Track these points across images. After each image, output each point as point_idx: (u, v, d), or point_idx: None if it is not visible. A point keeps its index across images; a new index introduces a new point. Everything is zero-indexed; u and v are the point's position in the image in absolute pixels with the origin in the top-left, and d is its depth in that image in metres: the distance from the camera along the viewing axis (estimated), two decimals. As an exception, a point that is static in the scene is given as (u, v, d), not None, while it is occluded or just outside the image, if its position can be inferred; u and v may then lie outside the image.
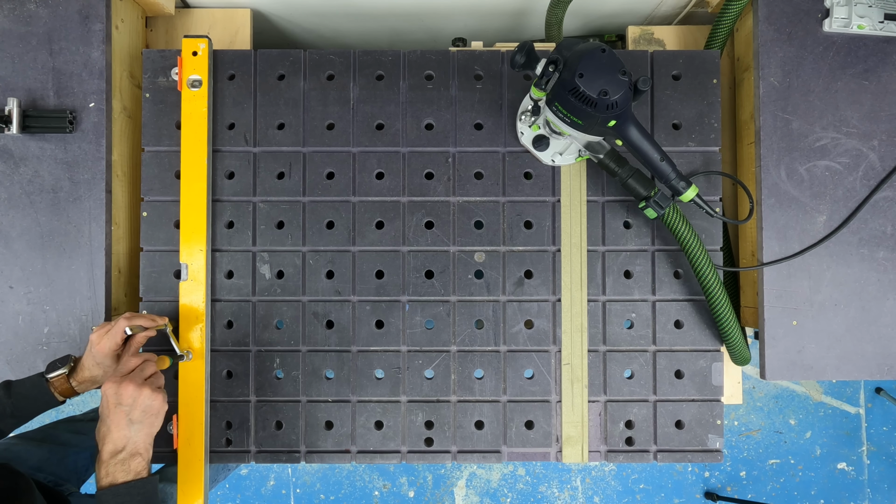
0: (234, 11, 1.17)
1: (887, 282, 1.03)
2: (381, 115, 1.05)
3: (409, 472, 1.90)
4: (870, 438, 1.92)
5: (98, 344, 0.87)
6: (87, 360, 0.90)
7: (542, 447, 1.03)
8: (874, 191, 1.02)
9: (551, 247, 1.05)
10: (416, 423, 1.03)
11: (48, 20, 1.02)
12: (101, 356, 0.88)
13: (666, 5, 1.22)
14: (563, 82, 0.82)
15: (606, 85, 0.80)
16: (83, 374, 0.90)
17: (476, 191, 1.05)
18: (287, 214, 1.04)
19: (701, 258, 0.95)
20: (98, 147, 1.01)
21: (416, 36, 1.38)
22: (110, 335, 0.87)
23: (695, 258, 0.96)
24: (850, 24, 1.02)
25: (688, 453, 1.04)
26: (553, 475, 1.91)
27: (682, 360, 1.04)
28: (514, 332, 1.04)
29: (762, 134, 1.03)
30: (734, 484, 1.91)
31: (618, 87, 0.80)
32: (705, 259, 0.95)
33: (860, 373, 1.03)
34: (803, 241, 1.03)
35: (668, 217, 0.95)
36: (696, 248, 0.95)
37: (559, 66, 0.83)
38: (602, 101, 0.80)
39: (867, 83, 1.03)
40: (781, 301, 1.02)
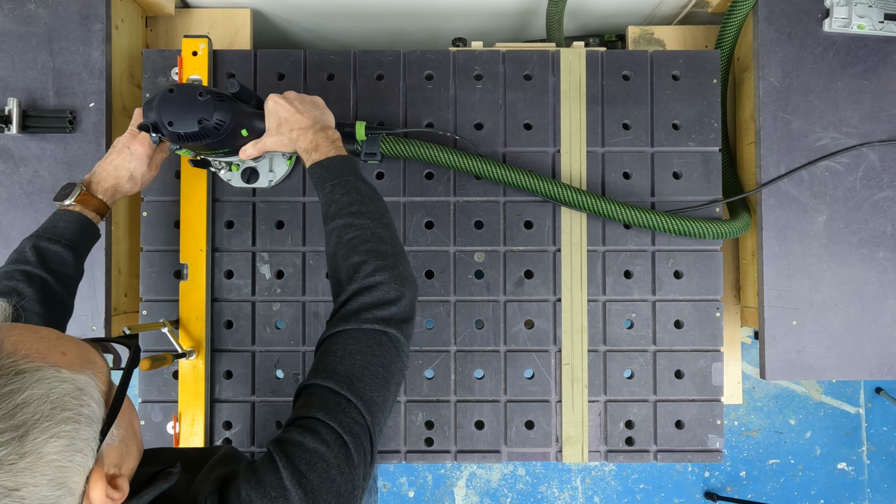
0: (234, 11, 1.17)
1: (887, 282, 1.03)
2: (381, 115, 1.05)
3: (409, 472, 1.90)
4: (870, 438, 1.92)
5: (133, 146, 0.85)
6: (109, 170, 0.85)
7: (542, 447, 1.03)
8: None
9: (551, 247, 1.05)
10: (416, 423, 1.03)
11: (48, 20, 1.02)
12: (139, 159, 0.85)
13: (666, 5, 1.22)
14: (172, 138, 0.81)
15: (196, 114, 0.79)
16: (105, 185, 0.85)
17: (476, 191, 1.05)
18: (287, 214, 1.04)
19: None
20: (98, 147, 1.01)
21: (416, 36, 1.38)
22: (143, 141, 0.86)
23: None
24: (850, 24, 1.02)
25: (688, 453, 1.04)
26: (553, 475, 1.91)
27: (682, 360, 1.04)
28: (514, 332, 1.04)
29: (762, 134, 1.03)
30: (734, 484, 1.91)
31: (207, 109, 0.79)
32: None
33: (860, 373, 1.03)
34: (803, 241, 1.03)
35: (389, 151, 0.99)
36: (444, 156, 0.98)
37: (155, 129, 0.81)
38: (206, 129, 0.80)
39: (867, 83, 1.03)
40: (781, 301, 1.02)
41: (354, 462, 0.57)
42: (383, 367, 0.63)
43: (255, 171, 1.01)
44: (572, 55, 1.05)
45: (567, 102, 1.05)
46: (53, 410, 0.42)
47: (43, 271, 0.77)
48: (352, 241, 0.70)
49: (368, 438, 0.59)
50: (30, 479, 0.40)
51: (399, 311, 0.66)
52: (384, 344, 0.64)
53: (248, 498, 0.52)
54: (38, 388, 0.42)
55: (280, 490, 0.52)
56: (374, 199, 0.75)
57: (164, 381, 1.03)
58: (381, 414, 0.61)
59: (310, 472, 0.54)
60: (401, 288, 0.67)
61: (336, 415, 0.58)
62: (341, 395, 0.59)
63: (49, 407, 0.42)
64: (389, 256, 0.69)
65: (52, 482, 0.41)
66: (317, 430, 0.56)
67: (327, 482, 0.54)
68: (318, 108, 0.86)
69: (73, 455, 0.43)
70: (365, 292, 0.66)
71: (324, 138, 0.80)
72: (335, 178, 0.75)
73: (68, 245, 0.80)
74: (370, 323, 0.64)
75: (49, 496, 0.41)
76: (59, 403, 0.43)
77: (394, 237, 0.73)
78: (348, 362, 0.62)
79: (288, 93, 0.85)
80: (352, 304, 0.66)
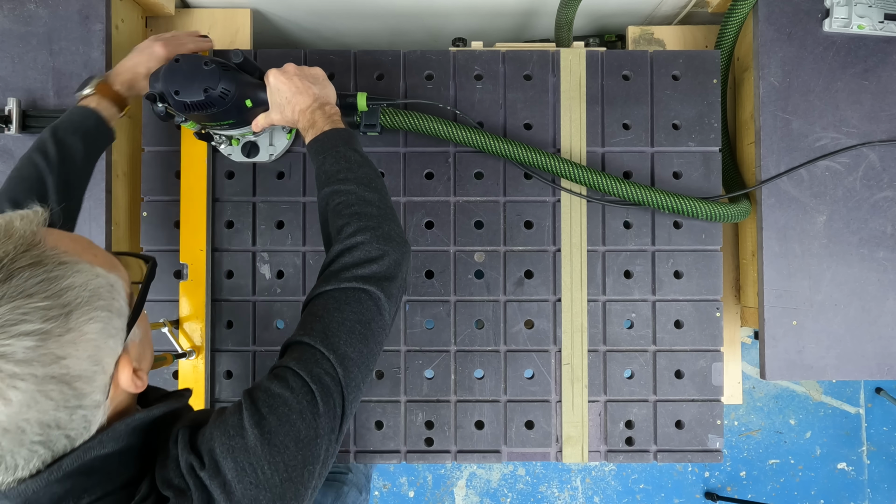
0: (234, 11, 1.17)
1: (887, 282, 1.03)
2: (376, 168, 1.05)
3: (409, 472, 1.90)
4: (870, 438, 1.91)
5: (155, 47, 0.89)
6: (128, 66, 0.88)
7: (542, 447, 1.03)
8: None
9: (551, 247, 1.05)
10: (416, 423, 1.03)
11: (48, 20, 1.02)
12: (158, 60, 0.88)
13: (666, 5, 1.22)
14: (178, 107, 0.82)
15: (202, 83, 0.80)
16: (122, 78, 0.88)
17: (476, 191, 1.05)
18: (287, 214, 1.04)
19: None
20: (98, 147, 1.01)
21: (416, 36, 1.38)
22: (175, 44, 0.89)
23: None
24: (850, 24, 1.01)
25: (688, 453, 1.04)
26: (553, 475, 1.91)
27: (682, 360, 1.04)
28: (514, 332, 1.04)
29: (762, 134, 1.03)
30: (734, 484, 1.91)
31: (212, 78, 0.80)
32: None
33: (860, 373, 1.03)
34: (803, 241, 1.03)
35: (389, 122, 0.98)
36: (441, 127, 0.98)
37: (161, 99, 0.82)
38: (211, 98, 0.80)
39: (867, 83, 1.03)
40: (781, 301, 1.02)
41: (319, 411, 0.57)
42: (361, 324, 0.63)
43: (255, 145, 1.01)
44: (572, 55, 1.05)
45: (567, 102, 1.05)
46: (91, 298, 0.48)
47: (59, 161, 0.79)
48: (338, 206, 0.71)
49: (339, 392, 0.59)
50: (73, 350, 0.46)
51: (380, 270, 0.66)
52: (363, 301, 0.64)
53: (210, 435, 0.54)
54: (78, 278, 0.47)
55: (238, 429, 0.54)
56: (364, 166, 0.76)
57: (164, 381, 1.03)
58: (356, 369, 0.61)
59: (270, 415, 0.55)
60: (383, 247, 0.67)
61: (306, 364, 0.59)
62: (315, 349, 0.60)
63: (88, 294, 0.48)
64: (374, 217, 0.70)
65: (90, 358, 0.47)
66: (285, 377, 0.58)
67: (286, 425, 0.55)
68: (318, 82, 0.85)
69: (107, 339, 0.49)
70: (346, 253, 0.67)
71: (321, 115, 0.81)
72: (327, 149, 0.76)
73: (83, 140, 0.82)
74: (349, 281, 0.64)
75: (87, 370, 0.47)
76: (96, 293, 0.48)
77: (382, 200, 0.73)
78: (326, 320, 0.62)
79: (287, 66, 0.84)
80: (334, 265, 0.67)
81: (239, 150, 1.01)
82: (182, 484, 0.51)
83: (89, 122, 0.83)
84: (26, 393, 0.43)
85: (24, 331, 0.43)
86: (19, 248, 0.46)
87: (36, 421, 0.44)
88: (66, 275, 0.47)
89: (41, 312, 0.44)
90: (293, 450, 0.54)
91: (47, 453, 0.47)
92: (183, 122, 0.86)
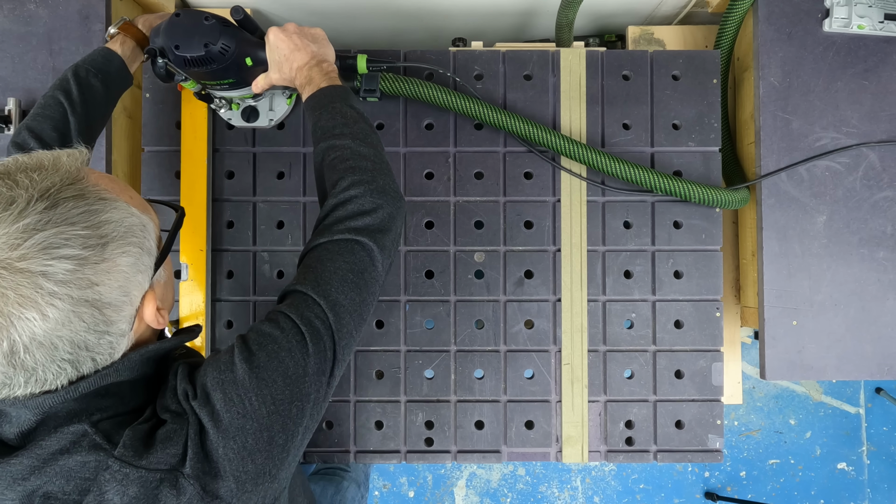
0: (234, 11, 1.17)
1: (887, 282, 1.03)
2: (381, 114, 1.05)
3: (409, 472, 1.90)
4: (870, 438, 1.91)
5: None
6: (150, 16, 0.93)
7: (542, 447, 1.03)
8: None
9: (551, 247, 1.05)
10: (416, 423, 1.03)
11: (48, 20, 1.02)
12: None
13: (666, 5, 1.22)
14: (178, 63, 0.81)
15: (202, 38, 0.79)
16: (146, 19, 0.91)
17: (476, 191, 1.05)
18: (287, 214, 1.04)
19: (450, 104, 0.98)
20: (98, 147, 1.01)
21: (416, 36, 1.38)
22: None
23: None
24: (850, 24, 1.01)
25: (688, 453, 1.04)
26: (553, 475, 1.91)
27: (682, 360, 1.04)
28: (514, 332, 1.04)
29: (762, 134, 1.03)
30: (734, 484, 1.91)
31: (212, 33, 0.80)
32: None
33: (860, 373, 1.03)
34: (803, 241, 1.03)
35: (389, 88, 0.98)
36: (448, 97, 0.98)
37: (162, 54, 0.82)
38: (211, 53, 0.80)
39: (867, 83, 1.03)
40: (781, 301, 1.02)
41: (309, 350, 0.59)
42: (353, 273, 0.64)
43: (255, 110, 1.01)
44: (572, 55, 1.05)
45: (567, 102, 1.05)
46: (125, 234, 0.51)
47: (80, 98, 0.82)
48: (333, 161, 0.72)
49: (330, 336, 0.61)
50: (106, 279, 0.49)
51: (373, 222, 0.67)
52: (356, 252, 0.65)
53: (204, 371, 0.57)
54: (115, 214, 0.51)
55: (229, 364, 0.56)
56: (359, 121, 0.76)
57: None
58: (347, 316, 0.63)
59: (259, 351, 0.57)
60: (377, 200, 0.68)
61: (297, 308, 0.61)
62: (307, 295, 0.62)
63: (123, 230, 0.51)
64: (368, 171, 0.71)
65: (120, 288, 0.51)
66: (275, 319, 0.60)
67: (275, 361, 0.57)
68: (317, 41, 0.86)
69: (136, 273, 0.52)
70: (340, 206, 0.68)
71: (318, 72, 0.81)
72: (323, 105, 0.77)
73: (104, 82, 0.85)
74: (342, 233, 0.66)
75: (116, 299, 0.51)
76: (130, 230, 0.52)
77: (377, 154, 0.74)
78: (318, 270, 0.64)
79: (288, 25, 0.85)
80: (328, 219, 0.68)
81: (239, 114, 1.00)
82: (178, 409, 0.54)
83: (111, 65, 0.86)
84: (62, 311, 0.47)
85: (65, 254, 0.46)
86: (65, 180, 0.49)
87: (68, 339, 0.48)
88: (104, 209, 0.50)
89: (81, 240, 0.48)
90: (280, 384, 0.56)
91: (73, 372, 0.50)
92: (183, 80, 0.86)
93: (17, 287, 0.45)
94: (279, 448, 0.56)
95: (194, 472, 0.51)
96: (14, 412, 0.51)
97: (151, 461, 0.50)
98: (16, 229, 0.45)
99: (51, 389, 0.50)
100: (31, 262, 0.45)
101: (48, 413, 0.50)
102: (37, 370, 0.48)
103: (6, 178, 0.48)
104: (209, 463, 0.53)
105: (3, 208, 0.46)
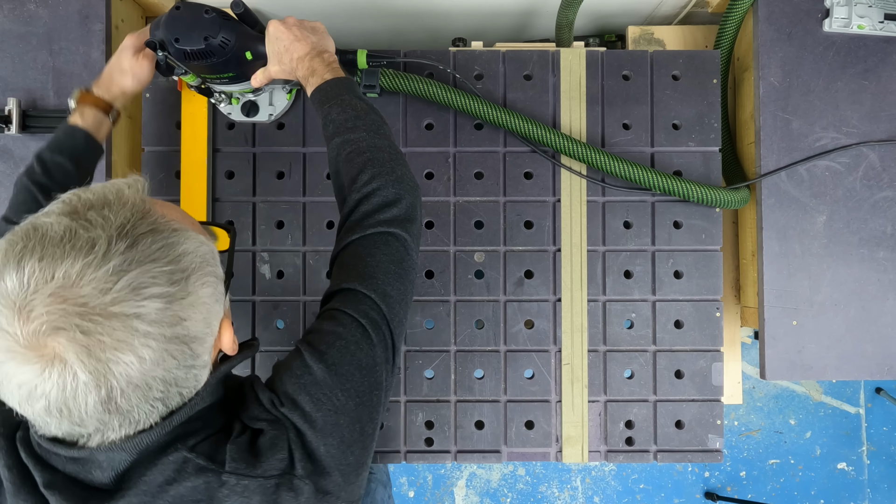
0: (234, 11, 1.17)
1: (887, 282, 1.03)
2: (381, 114, 1.05)
3: (409, 472, 1.90)
4: (870, 438, 1.91)
5: (129, 38, 0.87)
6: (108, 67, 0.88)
7: (542, 447, 1.03)
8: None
9: (551, 247, 1.05)
10: (416, 423, 1.03)
11: (48, 20, 1.02)
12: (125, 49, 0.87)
13: (666, 5, 1.22)
14: (178, 56, 0.81)
15: (202, 31, 0.78)
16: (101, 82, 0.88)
17: (476, 191, 1.05)
18: (287, 214, 1.04)
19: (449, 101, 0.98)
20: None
21: (416, 36, 1.38)
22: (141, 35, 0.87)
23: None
24: (850, 24, 1.01)
25: (688, 453, 1.04)
26: (553, 475, 1.91)
27: (682, 360, 1.04)
28: (514, 332, 1.04)
29: (762, 134, 1.03)
30: (734, 484, 1.91)
31: (213, 27, 0.79)
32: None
33: (860, 373, 1.03)
34: (803, 241, 1.03)
35: (389, 84, 0.98)
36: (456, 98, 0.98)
37: (162, 47, 0.81)
38: (211, 47, 0.79)
39: (867, 83, 1.03)
40: (781, 301, 1.02)
41: (373, 340, 0.61)
42: (394, 264, 0.66)
43: (255, 104, 1.01)
44: (572, 55, 1.05)
45: (567, 102, 1.05)
46: (202, 263, 0.50)
47: (48, 181, 0.80)
48: (349, 154, 0.72)
49: (386, 325, 0.63)
50: (192, 313, 0.48)
51: (400, 212, 0.68)
52: (391, 243, 0.67)
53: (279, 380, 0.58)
54: (190, 244, 0.49)
55: (304, 368, 0.57)
56: (370, 113, 0.77)
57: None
58: (397, 305, 0.64)
59: (329, 349, 0.58)
60: (399, 190, 0.69)
61: (350, 304, 0.62)
62: (356, 291, 0.63)
63: (199, 260, 0.50)
64: (386, 163, 0.71)
65: (204, 320, 0.50)
66: (333, 317, 0.61)
67: (347, 356, 0.59)
68: (317, 33, 0.86)
69: (214, 302, 0.51)
70: (365, 201, 0.68)
71: (320, 63, 0.81)
72: (331, 98, 0.77)
73: (70, 157, 0.83)
74: (374, 227, 0.67)
75: (201, 331, 0.49)
76: (205, 260, 0.50)
77: (391, 145, 0.75)
78: (360, 266, 0.65)
79: (288, 18, 0.85)
80: (354, 215, 0.69)
81: (238, 108, 1.00)
82: (270, 417, 0.56)
83: (75, 139, 0.83)
84: (156, 351, 0.45)
85: (154, 293, 0.45)
86: (136, 214, 0.48)
87: (161, 378, 0.47)
88: (180, 241, 0.49)
89: (166, 276, 0.46)
90: (358, 377, 0.59)
91: (163, 409, 0.49)
92: (183, 74, 0.85)
93: (112, 332, 0.43)
94: (369, 437, 0.59)
95: (306, 472, 0.53)
96: (105, 457, 0.49)
97: (265, 469, 0.52)
98: (104, 273, 0.43)
99: (145, 428, 0.49)
100: (124, 305, 0.44)
101: (142, 451, 0.50)
102: (131, 412, 0.47)
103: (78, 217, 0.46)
104: (314, 462, 0.54)
105: (87, 252, 0.43)
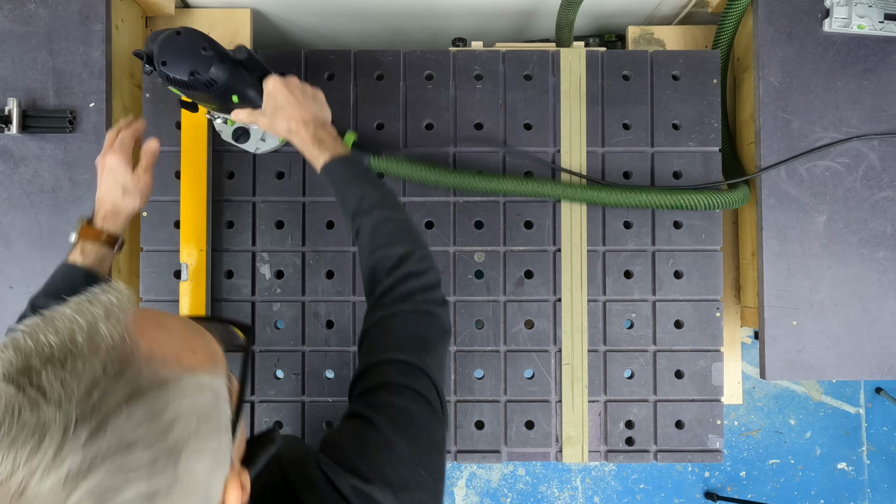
0: (234, 11, 1.17)
1: (887, 282, 1.03)
2: (381, 115, 1.05)
3: (409, 472, 1.90)
4: (870, 438, 1.92)
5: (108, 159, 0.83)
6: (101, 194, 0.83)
7: (542, 447, 1.03)
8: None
9: (551, 247, 1.05)
10: (416, 423, 1.03)
11: (48, 20, 1.01)
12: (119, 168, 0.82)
13: (666, 5, 1.22)
14: (161, 76, 0.79)
15: (192, 65, 0.76)
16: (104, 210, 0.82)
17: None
18: (287, 214, 1.04)
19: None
20: (98, 147, 1.01)
21: (416, 36, 1.38)
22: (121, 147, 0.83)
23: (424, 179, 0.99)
24: (850, 24, 1.01)
25: (688, 453, 1.04)
26: (553, 475, 1.91)
27: (682, 360, 1.04)
28: (514, 332, 1.04)
29: (762, 134, 1.03)
30: (734, 484, 1.91)
31: (204, 64, 0.77)
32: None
33: (860, 373, 1.03)
34: (803, 241, 1.03)
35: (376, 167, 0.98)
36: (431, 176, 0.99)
37: (150, 61, 0.79)
38: (196, 82, 0.78)
39: (867, 83, 1.03)
40: (781, 301, 1.02)
41: (439, 417, 0.63)
42: (440, 343, 0.70)
43: (246, 132, 1.01)
44: (572, 55, 1.05)
45: (567, 102, 1.05)
46: (199, 426, 0.38)
47: None
48: (394, 231, 0.76)
49: (440, 403, 0.65)
50: (183, 501, 0.36)
51: (440, 295, 0.74)
52: (434, 324, 0.71)
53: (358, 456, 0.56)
54: (183, 402, 0.37)
55: (386, 443, 0.57)
56: (392, 191, 0.82)
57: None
58: (440, 380, 0.68)
59: (408, 426, 0.59)
60: (438, 275, 0.76)
61: (413, 380, 0.64)
62: (413, 365, 0.65)
63: (195, 423, 0.38)
64: (425, 247, 0.76)
65: (201, 502, 0.38)
66: (401, 393, 0.62)
67: (424, 433, 0.60)
68: (317, 102, 0.87)
69: (217, 470, 0.40)
70: (413, 278, 0.72)
71: (326, 134, 0.82)
72: (361, 174, 0.80)
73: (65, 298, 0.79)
74: (423, 304, 0.71)
75: None
76: (204, 416, 0.39)
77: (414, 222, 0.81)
78: (412, 340, 0.68)
79: (291, 79, 0.85)
80: (402, 287, 0.71)
81: (230, 131, 1.00)
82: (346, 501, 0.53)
83: (72, 280, 0.77)
84: None
85: (127, 498, 0.33)
86: (110, 368, 0.35)
87: None
88: (169, 402, 0.37)
89: (145, 469, 0.34)
90: (434, 454, 0.60)
91: None
92: (169, 86, 0.84)
93: None
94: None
95: None
96: None
97: None
98: (56, 481, 0.31)
99: None
100: None
101: None
102: None
103: (27, 382, 0.33)
104: None
105: (33, 447, 0.31)
